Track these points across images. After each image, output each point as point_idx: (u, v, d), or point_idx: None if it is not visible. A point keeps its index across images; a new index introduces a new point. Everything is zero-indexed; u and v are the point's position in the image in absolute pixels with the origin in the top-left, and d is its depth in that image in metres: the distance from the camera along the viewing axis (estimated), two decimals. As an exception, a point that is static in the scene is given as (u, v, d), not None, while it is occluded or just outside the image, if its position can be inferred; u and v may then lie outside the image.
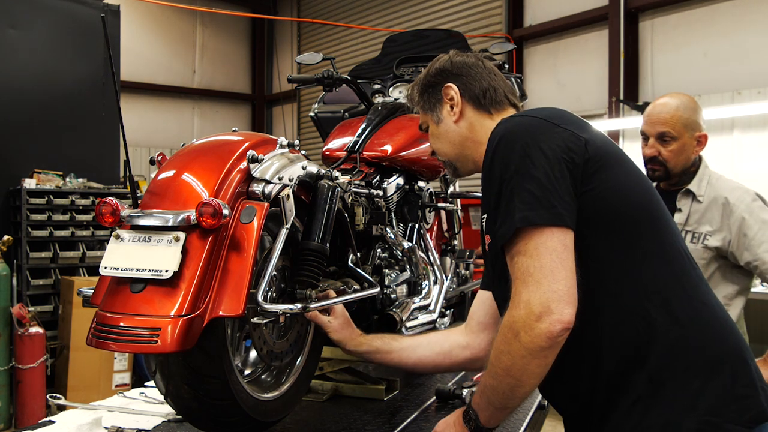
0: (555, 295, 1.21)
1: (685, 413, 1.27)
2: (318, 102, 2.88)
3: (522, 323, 1.22)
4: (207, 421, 1.56)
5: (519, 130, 1.34)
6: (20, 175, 5.68)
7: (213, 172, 1.41)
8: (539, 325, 1.20)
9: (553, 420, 2.81)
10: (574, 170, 1.29)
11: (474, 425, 1.40)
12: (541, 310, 1.20)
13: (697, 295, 1.36)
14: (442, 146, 1.66)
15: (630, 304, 1.30)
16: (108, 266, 1.33)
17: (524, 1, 7.59)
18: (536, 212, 1.24)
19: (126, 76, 8.48)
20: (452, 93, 1.61)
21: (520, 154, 1.29)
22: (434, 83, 1.64)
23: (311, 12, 10.34)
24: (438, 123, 1.64)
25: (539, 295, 1.21)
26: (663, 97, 2.40)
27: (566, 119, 1.38)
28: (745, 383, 1.31)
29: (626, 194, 1.34)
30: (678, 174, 2.35)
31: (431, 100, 1.65)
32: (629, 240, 1.32)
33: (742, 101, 5.66)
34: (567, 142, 1.30)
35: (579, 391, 1.37)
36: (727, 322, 1.38)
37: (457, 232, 2.92)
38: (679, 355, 1.29)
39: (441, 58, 1.67)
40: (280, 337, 1.71)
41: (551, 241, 1.24)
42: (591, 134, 1.36)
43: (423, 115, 1.70)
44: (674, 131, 2.29)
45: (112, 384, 5.23)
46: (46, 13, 6.14)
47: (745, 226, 2.22)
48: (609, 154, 1.35)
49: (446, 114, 1.62)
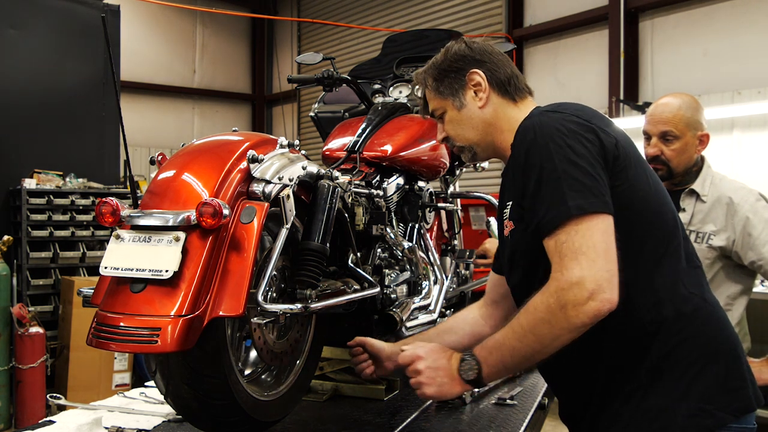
0: (608, 274, 1.25)
1: (680, 400, 1.35)
2: (318, 102, 2.88)
3: (572, 297, 1.24)
4: (207, 421, 1.56)
5: (556, 122, 1.37)
6: (20, 175, 5.67)
7: (213, 172, 1.41)
8: (590, 302, 1.23)
9: (553, 420, 2.81)
10: (606, 166, 1.34)
11: (474, 376, 1.42)
12: (594, 288, 1.23)
13: (701, 292, 1.43)
14: (464, 132, 1.62)
15: (638, 300, 1.36)
16: (108, 266, 1.33)
17: (524, 1, 7.59)
18: (588, 200, 1.28)
19: (126, 76, 8.48)
20: (478, 78, 1.58)
21: (561, 144, 1.33)
22: (456, 68, 1.60)
23: (311, 12, 10.33)
24: (460, 108, 1.60)
25: (594, 273, 1.24)
26: (665, 96, 2.40)
27: (596, 116, 1.43)
28: (736, 376, 1.40)
29: (645, 194, 1.40)
30: (681, 173, 2.35)
31: (453, 85, 1.61)
32: (642, 239, 1.39)
33: (742, 101, 5.66)
34: (601, 139, 1.36)
35: (582, 379, 1.43)
36: (724, 319, 1.46)
37: (457, 232, 2.92)
38: (679, 348, 1.37)
39: (454, 44, 1.64)
40: (280, 337, 1.71)
41: (603, 224, 1.28)
42: (616, 132, 1.41)
43: (439, 100, 1.64)
44: (677, 130, 2.29)
45: (112, 384, 5.23)
46: (46, 13, 6.13)
47: (750, 226, 2.23)
48: (631, 155, 1.41)
49: (470, 99, 1.59)
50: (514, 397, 2.22)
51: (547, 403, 2.32)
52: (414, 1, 8.72)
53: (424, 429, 1.93)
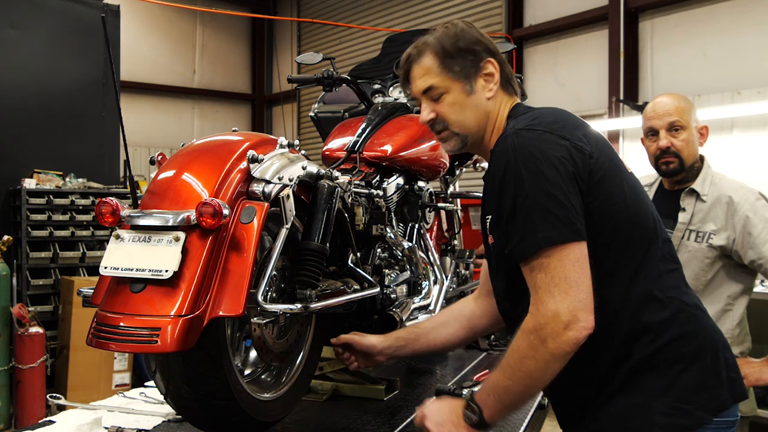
0: (581, 304, 1.30)
1: (658, 400, 1.38)
2: (318, 102, 2.88)
3: (550, 331, 1.30)
4: (207, 421, 1.56)
5: (529, 145, 1.37)
6: (20, 175, 5.68)
7: (213, 172, 1.41)
8: (567, 332, 1.29)
9: (553, 420, 2.81)
10: (581, 184, 1.36)
11: (476, 420, 1.44)
12: (569, 319, 1.29)
13: (679, 295, 1.46)
14: (465, 118, 1.54)
15: (620, 310, 1.41)
16: (108, 266, 1.33)
17: (524, 1, 7.59)
18: (558, 231, 1.31)
19: (126, 76, 8.48)
20: (492, 69, 1.54)
21: (533, 171, 1.34)
22: (473, 51, 1.53)
23: (311, 12, 10.33)
24: (469, 94, 1.53)
25: (567, 305, 1.30)
26: (658, 97, 2.44)
27: (569, 126, 1.43)
28: (713, 374, 1.42)
29: (621, 205, 1.42)
30: (690, 166, 2.37)
31: (468, 68, 1.53)
32: (622, 248, 1.42)
33: (742, 101, 5.65)
34: (575, 157, 1.36)
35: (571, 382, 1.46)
36: (703, 319, 1.48)
37: (457, 232, 2.92)
38: (660, 351, 1.40)
39: (463, 25, 1.56)
40: (280, 337, 1.71)
41: (573, 254, 1.32)
42: (592, 144, 1.42)
43: (446, 79, 1.53)
44: (682, 120, 2.34)
45: (112, 384, 5.23)
46: (46, 13, 6.13)
47: (750, 225, 2.23)
48: (607, 165, 1.42)
49: (480, 87, 1.53)
50: (514, 397, 2.21)
51: (546, 403, 2.32)
52: (414, 1, 8.72)
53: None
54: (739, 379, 1.47)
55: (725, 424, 1.42)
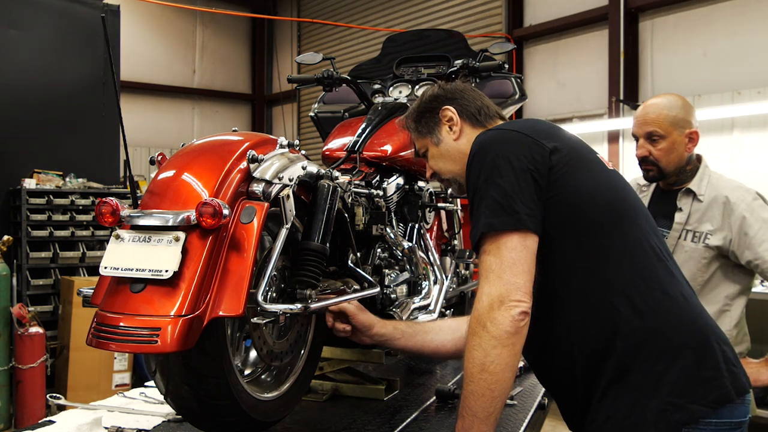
0: (513, 286, 1.34)
1: (650, 395, 1.37)
2: (318, 102, 2.88)
3: (486, 314, 1.34)
4: (207, 421, 1.56)
5: (492, 142, 1.48)
6: (20, 175, 5.68)
7: (213, 172, 1.41)
8: (501, 312, 1.33)
9: (553, 420, 2.81)
10: (539, 179, 1.41)
11: None
12: (502, 299, 1.33)
13: (659, 286, 1.44)
14: (445, 165, 1.74)
15: (596, 300, 1.42)
16: (108, 266, 1.33)
17: (524, 1, 7.59)
18: (499, 218, 1.38)
19: (126, 76, 8.48)
20: (450, 114, 1.70)
21: (489, 165, 1.43)
22: (430, 108, 1.74)
23: (311, 12, 10.34)
24: (438, 144, 1.73)
25: (499, 287, 1.34)
26: (652, 98, 2.43)
27: (538, 130, 1.50)
28: (709, 366, 1.40)
29: (591, 196, 1.45)
30: (672, 172, 2.36)
31: (429, 124, 1.74)
32: (594, 240, 1.44)
33: (742, 101, 5.66)
34: (533, 153, 1.43)
35: (565, 381, 1.50)
36: (690, 311, 1.46)
37: (457, 232, 2.92)
38: (640, 344, 1.40)
39: (430, 89, 1.79)
40: (280, 337, 1.71)
41: (512, 242, 1.37)
42: (560, 142, 1.48)
43: (420, 140, 1.78)
44: (661, 130, 2.31)
45: (112, 384, 5.23)
46: (46, 13, 6.13)
47: (746, 225, 2.23)
48: (575, 160, 1.47)
49: (446, 134, 1.71)
50: (514, 396, 2.22)
51: (546, 403, 2.32)
52: (414, 1, 8.72)
53: (424, 429, 1.93)
54: (741, 372, 1.45)
55: (733, 424, 1.39)
